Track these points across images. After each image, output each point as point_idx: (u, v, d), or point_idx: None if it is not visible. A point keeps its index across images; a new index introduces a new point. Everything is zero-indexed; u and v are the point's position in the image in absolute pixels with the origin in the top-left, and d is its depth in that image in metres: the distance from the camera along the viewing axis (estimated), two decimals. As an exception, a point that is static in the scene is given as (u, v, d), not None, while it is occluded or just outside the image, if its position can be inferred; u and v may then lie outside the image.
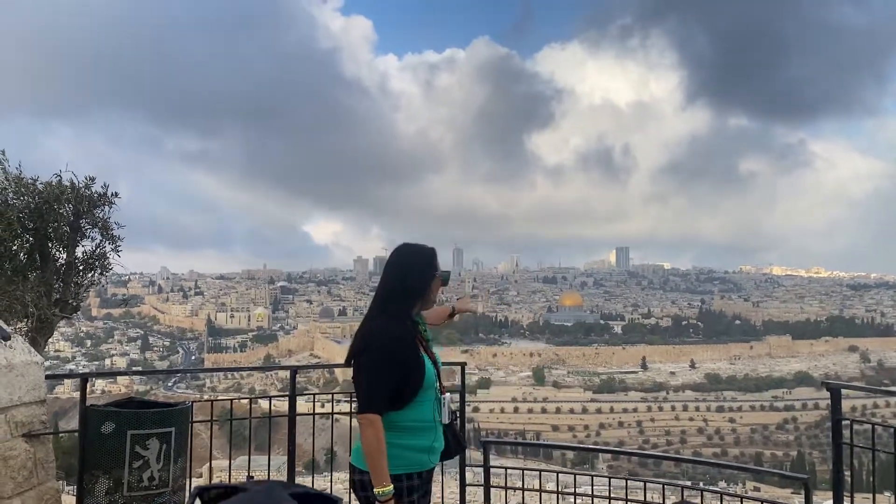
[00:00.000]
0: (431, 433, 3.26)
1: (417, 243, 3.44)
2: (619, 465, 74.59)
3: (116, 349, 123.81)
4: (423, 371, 3.21)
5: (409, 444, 3.18)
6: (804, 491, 4.65)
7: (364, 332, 3.24)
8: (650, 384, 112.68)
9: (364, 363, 3.16)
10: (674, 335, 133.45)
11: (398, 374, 3.14)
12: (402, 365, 3.16)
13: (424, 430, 3.24)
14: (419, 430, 3.23)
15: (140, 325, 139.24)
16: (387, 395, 3.13)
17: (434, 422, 3.28)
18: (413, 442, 3.20)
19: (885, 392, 19.33)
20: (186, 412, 4.55)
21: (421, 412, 3.23)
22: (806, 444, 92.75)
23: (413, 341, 3.24)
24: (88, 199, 6.39)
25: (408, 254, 3.38)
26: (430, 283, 3.36)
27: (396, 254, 3.37)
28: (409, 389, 3.16)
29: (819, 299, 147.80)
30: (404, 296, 3.30)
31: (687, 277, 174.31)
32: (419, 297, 3.34)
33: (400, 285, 3.30)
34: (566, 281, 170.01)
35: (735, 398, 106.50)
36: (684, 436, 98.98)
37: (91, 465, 4.18)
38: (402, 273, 3.32)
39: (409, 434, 3.20)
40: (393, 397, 3.14)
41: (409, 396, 3.17)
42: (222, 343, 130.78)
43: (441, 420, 3.31)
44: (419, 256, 3.37)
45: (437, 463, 3.33)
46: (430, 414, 3.26)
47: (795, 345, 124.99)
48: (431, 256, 3.40)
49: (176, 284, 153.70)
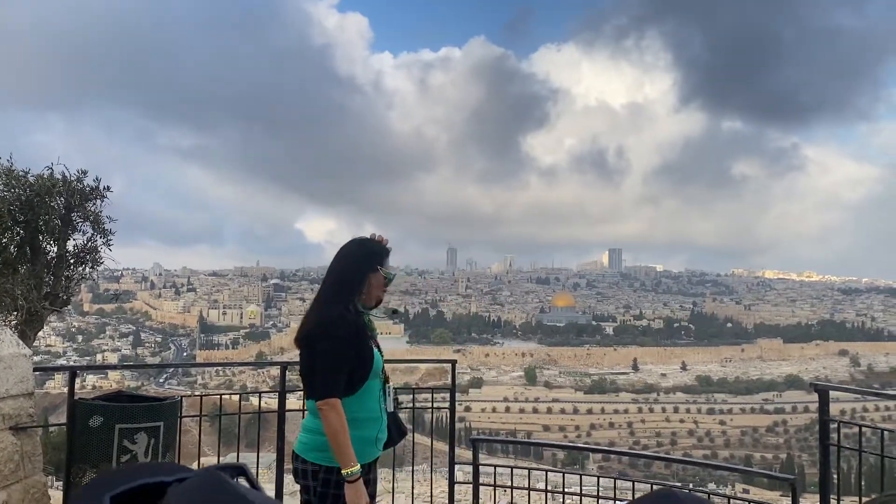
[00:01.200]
0: (378, 423, 3.30)
1: (367, 237, 3.46)
2: (610, 466, 74.68)
3: (108, 344, 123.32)
4: (372, 360, 3.27)
5: (355, 435, 3.17)
6: (791, 492, 4.67)
7: (322, 319, 3.25)
8: (641, 385, 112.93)
9: (325, 349, 3.17)
10: (665, 337, 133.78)
11: (351, 361, 3.19)
12: (355, 352, 3.22)
13: (371, 420, 3.28)
14: (367, 420, 3.26)
15: (132, 320, 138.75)
16: (342, 381, 3.17)
17: (380, 412, 3.32)
18: (360, 433, 3.21)
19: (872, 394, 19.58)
20: (175, 407, 4.54)
21: (368, 402, 3.27)
22: (795, 446, 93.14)
23: (363, 329, 3.30)
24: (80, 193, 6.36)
25: (351, 245, 3.43)
26: (367, 275, 3.36)
27: (344, 245, 3.43)
28: (358, 377, 3.21)
29: (810, 303, 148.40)
30: (343, 286, 3.33)
31: (679, 280, 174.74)
32: (356, 288, 3.34)
33: (339, 275, 3.35)
34: (559, 282, 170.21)
35: (726, 400, 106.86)
36: (675, 437, 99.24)
37: (78, 458, 4.16)
38: (341, 263, 3.37)
39: (357, 425, 3.21)
40: (348, 382, 3.19)
41: (357, 384, 3.21)
42: (214, 340, 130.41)
43: (387, 408, 3.37)
44: (360, 247, 3.41)
45: (380, 453, 3.39)
46: (376, 403, 3.31)
47: (786, 348, 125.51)
48: (373, 250, 3.41)
49: (168, 280, 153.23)
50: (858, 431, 4.84)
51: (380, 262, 3.39)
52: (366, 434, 3.25)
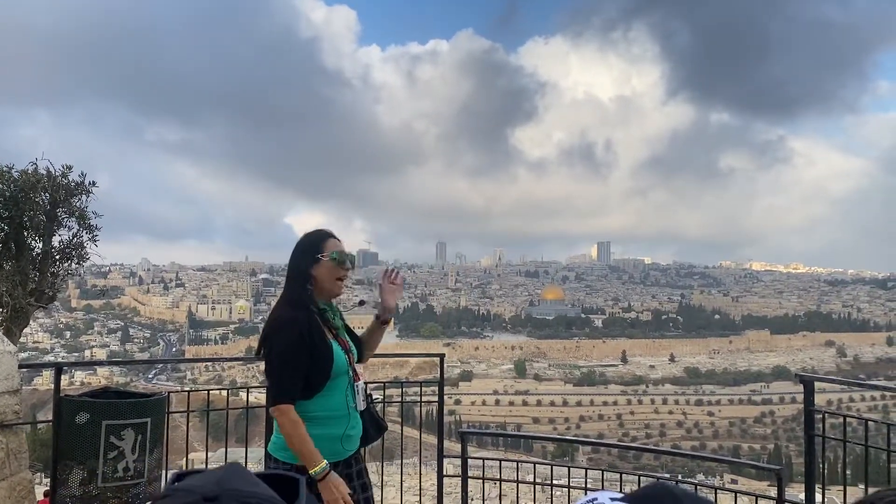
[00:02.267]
0: (344, 421, 3.23)
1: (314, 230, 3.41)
2: (599, 458, 75.01)
3: (96, 340, 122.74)
4: (332, 358, 3.18)
5: (320, 433, 3.14)
6: (777, 482, 4.71)
7: (270, 322, 3.23)
8: (630, 377, 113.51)
9: (271, 353, 3.14)
10: (654, 329, 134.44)
11: (305, 362, 3.11)
12: (308, 353, 3.13)
13: (336, 418, 3.22)
14: (331, 419, 3.20)
15: (120, 316, 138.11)
16: (297, 384, 3.11)
17: (347, 409, 3.25)
18: (324, 431, 3.17)
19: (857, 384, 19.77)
20: (163, 402, 4.52)
21: (332, 400, 3.21)
22: (783, 437, 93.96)
23: (318, 328, 3.20)
24: (65, 188, 6.30)
25: (298, 241, 3.37)
26: (307, 270, 3.26)
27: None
28: (318, 378, 3.15)
29: (797, 295, 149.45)
30: (294, 282, 3.27)
31: (667, 272, 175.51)
32: (305, 282, 3.25)
33: (287, 275, 3.33)
34: (548, 275, 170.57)
35: (714, 392, 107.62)
36: (663, 429, 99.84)
37: (65, 455, 4.14)
38: (291, 260, 3.33)
39: (320, 423, 3.17)
40: (304, 385, 3.13)
41: (317, 385, 3.15)
42: (203, 335, 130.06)
43: (356, 407, 3.28)
44: (303, 241, 3.35)
45: (354, 450, 3.31)
46: (342, 402, 3.23)
47: (774, 339, 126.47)
48: (315, 240, 3.32)
49: (157, 276, 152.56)
50: (843, 422, 4.88)
51: (318, 252, 3.27)
52: (332, 432, 3.20)
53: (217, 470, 0.87)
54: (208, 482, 0.92)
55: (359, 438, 3.35)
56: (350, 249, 3.43)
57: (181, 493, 0.83)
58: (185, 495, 0.82)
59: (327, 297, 3.33)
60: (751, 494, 5.42)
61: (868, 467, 4.53)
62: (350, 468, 3.31)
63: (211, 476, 0.87)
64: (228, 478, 0.86)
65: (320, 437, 3.14)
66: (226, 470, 0.87)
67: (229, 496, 0.81)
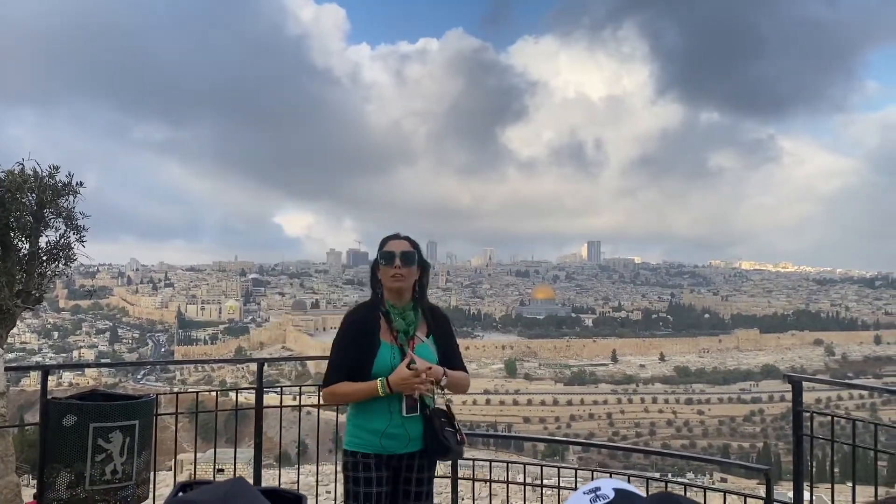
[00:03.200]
0: (385, 419, 3.33)
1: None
2: (589, 457, 75.15)
3: (84, 341, 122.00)
4: (373, 357, 3.33)
5: (362, 423, 3.36)
6: (765, 481, 4.73)
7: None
8: (620, 377, 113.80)
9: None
10: (644, 328, 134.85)
11: (350, 354, 3.35)
12: (353, 346, 3.35)
13: (377, 413, 3.34)
14: (370, 413, 3.35)
15: (109, 316, 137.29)
16: (339, 371, 3.34)
17: (389, 409, 3.34)
18: (366, 423, 3.35)
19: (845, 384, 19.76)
20: (151, 404, 4.50)
21: (374, 400, 3.33)
22: (772, 435, 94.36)
23: (370, 325, 3.39)
24: (52, 189, 6.24)
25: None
26: (378, 270, 3.50)
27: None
28: (359, 373, 3.32)
29: (786, 294, 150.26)
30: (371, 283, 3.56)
31: (657, 271, 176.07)
32: (375, 285, 3.53)
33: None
34: (538, 274, 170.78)
35: (703, 391, 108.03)
36: (653, 428, 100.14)
37: (52, 458, 4.12)
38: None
39: (363, 414, 3.36)
40: (350, 376, 3.33)
41: (359, 379, 3.31)
42: (193, 335, 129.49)
43: (400, 411, 3.34)
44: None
45: (400, 451, 3.37)
46: (384, 405, 3.34)
47: (763, 338, 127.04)
48: (380, 245, 3.53)
49: (146, 276, 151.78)
50: (831, 421, 4.91)
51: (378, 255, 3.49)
52: (372, 425, 3.34)
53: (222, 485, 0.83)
54: (213, 498, 0.82)
55: (409, 441, 3.38)
56: (340, 249, 3.55)
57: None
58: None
59: (395, 298, 3.47)
60: (740, 494, 5.44)
61: (856, 466, 4.55)
62: (400, 470, 3.42)
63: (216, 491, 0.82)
64: (233, 495, 0.83)
65: (362, 427, 3.36)
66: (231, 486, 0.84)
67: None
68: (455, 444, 3.45)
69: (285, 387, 6.05)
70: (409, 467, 3.42)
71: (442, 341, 3.54)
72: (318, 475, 7.48)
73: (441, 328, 3.58)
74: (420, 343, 3.44)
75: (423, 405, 3.39)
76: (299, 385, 6.12)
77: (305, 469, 9.43)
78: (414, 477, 3.42)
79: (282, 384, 17.67)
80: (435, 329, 3.55)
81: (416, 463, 3.43)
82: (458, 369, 3.57)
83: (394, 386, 3.23)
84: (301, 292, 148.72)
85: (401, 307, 3.45)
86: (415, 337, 3.43)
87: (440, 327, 3.59)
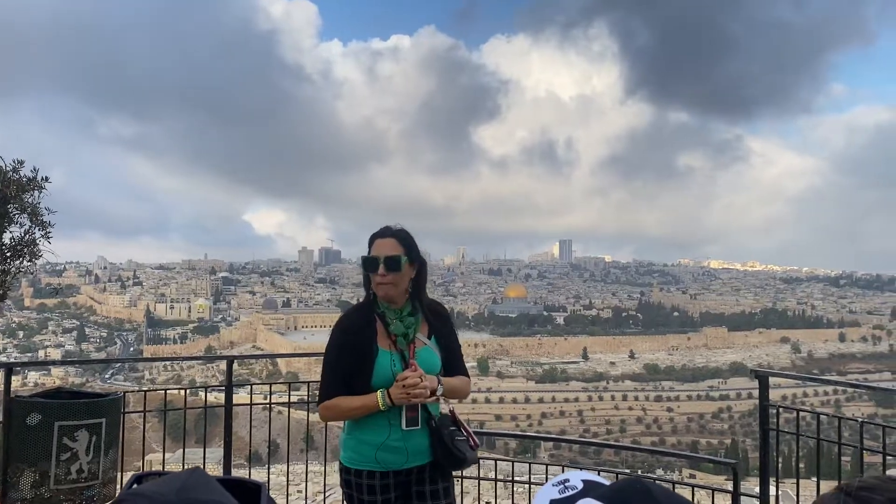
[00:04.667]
0: (384, 431, 3.10)
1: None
2: (561, 454, 75.69)
3: (51, 340, 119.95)
4: (373, 364, 3.09)
5: (361, 438, 3.11)
6: (733, 476, 4.80)
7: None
8: (591, 374, 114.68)
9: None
10: (614, 326, 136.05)
11: (346, 364, 3.09)
12: (349, 356, 3.09)
13: (374, 426, 3.10)
14: (369, 425, 3.11)
15: (76, 315, 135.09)
16: (336, 383, 3.08)
17: (388, 420, 3.10)
18: (365, 437, 3.11)
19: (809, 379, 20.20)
20: (118, 402, 4.44)
21: (372, 415, 3.11)
22: (739, 432, 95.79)
23: (366, 331, 3.14)
24: (17, 184, 6.12)
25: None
26: (367, 269, 3.26)
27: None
28: (359, 382, 3.08)
29: (754, 292, 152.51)
30: (364, 283, 3.30)
31: (627, 270, 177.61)
32: (367, 285, 3.25)
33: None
34: (511, 273, 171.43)
35: (673, 388, 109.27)
36: (624, 424, 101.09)
37: (15, 458, 4.04)
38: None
39: (359, 427, 3.13)
40: (348, 387, 3.08)
41: (359, 389, 3.07)
42: (162, 335, 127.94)
43: (400, 424, 3.11)
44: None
45: (400, 465, 3.13)
46: (382, 419, 3.10)
47: (731, 336, 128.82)
48: (369, 243, 3.27)
49: (114, 274, 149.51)
50: (796, 416, 4.99)
51: (363, 260, 3.27)
52: (371, 438, 3.12)
53: (178, 475, 0.86)
54: (168, 490, 0.80)
55: (410, 455, 3.14)
56: (312, 247, 3.40)
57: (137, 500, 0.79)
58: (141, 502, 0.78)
59: (386, 300, 3.22)
60: (708, 488, 5.51)
61: (820, 460, 4.63)
62: (409, 485, 3.18)
63: (172, 483, 0.83)
64: (190, 486, 0.82)
65: (362, 442, 3.12)
66: (188, 477, 0.85)
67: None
68: (468, 450, 3.20)
69: (255, 384, 5.99)
70: (419, 481, 3.19)
71: (444, 342, 3.31)
72: (289, 475, 7.44)
73: (443, 328, 3.35)
74: (422, 347, 3.21)
75: (425, 416, 3.17)
76: (269, 383, 6.07)
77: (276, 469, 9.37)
78: (427, 490, 3.18)
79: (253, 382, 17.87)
80: (437, 329, 3.32)
81: (427, 476, 3.19)
82: (459, 373, 3.34)
83: (395, 399, 3.00)
84: (272, 291, 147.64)
85: (398, 308, 3.22)
86: (415, 340, 3.19)
87: (442, 327, 3.35)
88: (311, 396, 6.97)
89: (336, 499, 7.58)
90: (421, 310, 3.28)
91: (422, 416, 3.14)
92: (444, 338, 3.31)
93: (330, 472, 7.31)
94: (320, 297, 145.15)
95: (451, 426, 3.19)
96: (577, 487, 1.04)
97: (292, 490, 8.08)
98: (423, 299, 3.32)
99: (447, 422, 3.20)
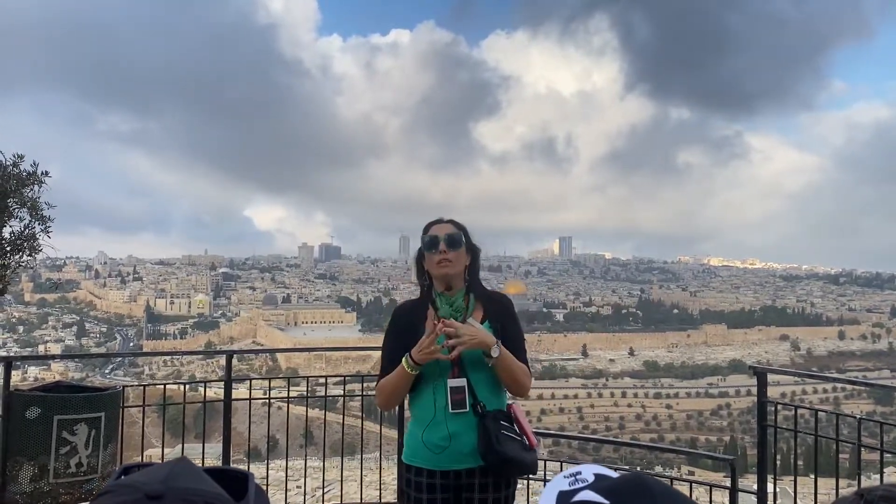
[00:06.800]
0: (435, 427, 2.98)
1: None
2: (560, 451, 75.60)
3: (51, 335, 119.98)
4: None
5: (414, 432, 3.08)
6: (731, 472, 4.81)
7: None
8: (590, 371, 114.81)
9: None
10: (614, 323, 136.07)
11: (394, 348, 3.08)
12: (398, 340, 3.09)
13: (425, 421, 3.02)
14: (421, 419, 3.06)
15: (76, 310, 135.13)
16: (386, 367, 3.09)
17: (434, 408, 3.00)
18: (417, 432, 3.06)
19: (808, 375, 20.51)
20: (117, 397, 4.45)
21: (420, 399, 3.07)
22: (738, 428, 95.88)
23: (416, 316, 3.16)
24: (16, 178, 6.12)
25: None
26: (424, 258, 3.26)
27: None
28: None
29: (753, 289, 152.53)
30: (417, 276, 3.33)
31: (627, 267, 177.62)
32: (422, 273, 3.27)
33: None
34: (511, 269, 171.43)
35: (672, 385, 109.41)
36: (623, 421, 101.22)
37: (15, 451, 4.05)
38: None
39: (414, 422, 3.12)
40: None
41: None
42: (162, 330, 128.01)
43: (445, 407, 2.97)
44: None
45: (447, 464, 2.98)
46: (429, 399, 3.03)
47: (730, 333, 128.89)
48: (424, 230, 3.29)
49: (114, 269, 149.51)
50: (794, 413, 5.00)
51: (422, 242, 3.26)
52: (415, 430, 3.07)
53: (165, 465, 0.88)
54: (154, 479, 0.83)
55: (454, 451, 2.97)
56: (312, 243, 3.38)
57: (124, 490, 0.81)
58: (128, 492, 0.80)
59: (442, 284, 3.18)
60: (706, 484, 5.52)
61: (818, 457, 4.65)
62: (461, 490, 3.00)
63: (158, 472, 0.85)
64: (176, 474, 0.84)
65: (412, 435, 3.09)
66: (174, 466, 0.87)
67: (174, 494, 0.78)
68: (518, 450, 2.95)
69: (255, 379, 6.00)
70: (468, 487, 2.97)
71: (500, 325, 3.14)
72: (289, 470, 7.45)
73: (500, 311, 3.23)
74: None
75: (471, 401, 2.98)
76: (269, 378, 6.08)
77: (275, 464, 9.38)
78: (476, 497, 2.97)
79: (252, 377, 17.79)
80: (492, 314, 3.18)
81: (477, 483, 2.96)
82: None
83: (415, 357, 2.90)
84: (272, 287, 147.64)
85: (451, 296, 3.16)
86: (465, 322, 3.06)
87: (500, 311, 3.23)
88: (311, 392, 6.98)
89: (335, 494, 7.60)
90: (475, 297, 3.24)
91: (468, 402, 2.97)
92: (499, 323, 3.16)
93: (329, 468, 7.32)
94: (320, 292, 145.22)
95: (502, 420, 2.99)
96: (588, 481, 1.04)
97: (291, 485, 8.09)
98: (477, 288, 3.29)
99: (500, 415, 3.02)
